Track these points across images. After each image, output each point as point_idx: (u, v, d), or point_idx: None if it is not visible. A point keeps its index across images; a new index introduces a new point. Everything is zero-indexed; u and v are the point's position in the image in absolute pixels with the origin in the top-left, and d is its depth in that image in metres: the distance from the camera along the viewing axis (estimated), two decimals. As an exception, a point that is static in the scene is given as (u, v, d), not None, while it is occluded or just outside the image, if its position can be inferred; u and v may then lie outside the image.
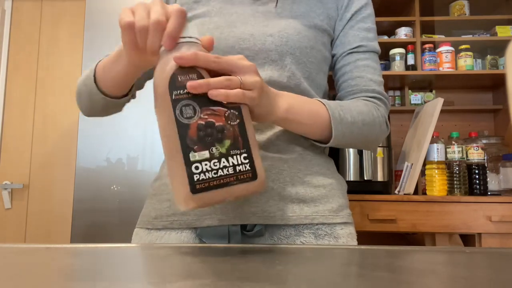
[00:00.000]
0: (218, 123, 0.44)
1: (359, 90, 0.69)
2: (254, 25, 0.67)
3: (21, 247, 0.49)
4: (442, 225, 1.65)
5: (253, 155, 0.45)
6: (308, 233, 0.62)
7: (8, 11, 2.42)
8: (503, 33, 2.05)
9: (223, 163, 0.43)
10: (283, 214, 0.61)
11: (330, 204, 0.65)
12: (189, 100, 0.43)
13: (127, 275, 0.34)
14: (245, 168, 0.44)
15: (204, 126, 0.43)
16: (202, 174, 0.43)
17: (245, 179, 0.44)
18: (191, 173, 0.42)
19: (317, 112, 0.60)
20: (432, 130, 1.76)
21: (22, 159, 2.33)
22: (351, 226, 0.67)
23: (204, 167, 0.43)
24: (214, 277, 0.33)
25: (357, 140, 0.64)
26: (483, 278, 0.33)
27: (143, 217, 0.68)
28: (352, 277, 0.34)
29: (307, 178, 0.64)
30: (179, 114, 0.43)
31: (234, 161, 0.44)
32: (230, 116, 0.45)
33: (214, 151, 0.43)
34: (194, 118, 0.43)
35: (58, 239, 2.27)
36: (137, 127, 1.96)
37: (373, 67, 0.70)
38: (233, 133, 0.45)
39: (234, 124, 0.45)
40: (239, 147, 0.44)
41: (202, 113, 0.44)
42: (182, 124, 0.43)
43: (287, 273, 0.35)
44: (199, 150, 0.43)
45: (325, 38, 0.71)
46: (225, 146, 0.44)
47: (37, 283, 0.30)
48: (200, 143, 0.43)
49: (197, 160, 0.43)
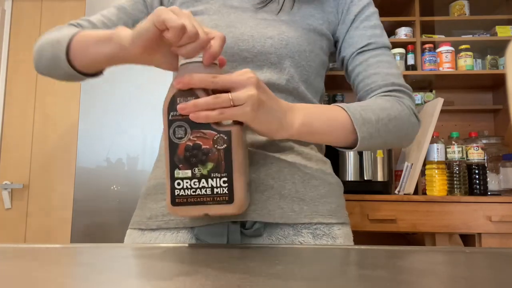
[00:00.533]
0: (205, 146, 0.48)
1: (378, 86, 0.66)
2: (253, 27, 0.66)
3: (21, 247, 0.49)
4: (442, 225, 1.65)
5: (233, 180, 0.48)
6: (306, 232, 0.62)
7: (8, 11, 2.42)
8: (503, 33, 2.05)
9: (203, 184, 0.48)
10: (283, 212, 0.61)
11: (329, 204, 0.65)
12: (182, 122, 0.48)
13: (127, 275, 0.34)
14: (223, 191, 0.48)
15: (191, 148, 0.48)
16: (182, 190, 0.48)
17: (220, 201, 0.48)
18: (173, 187, 0.48)
19: (336, 119, 0.57)
20: (432, 130, 1.76)
21: (22, 159, 2.33)
22: (347, 227, 0.67)
23: (185, 185, 0.48)
24: (214, 277, 0.33)
25: (386, 138, 0.61)
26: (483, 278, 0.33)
27: (136, 218, 0.66)
28: (352, 277, 0.34)
29: (307, 177, 0.64)
30: (172, 134, 0.48)
31: (213, 183, 0.48)
32: (218, 140, 0.48)
33: (196, 172, 0.48)
34: (184, 138, 0.48)
35: (58, 239, 2.27)
36: (137, 127, 1.96)
37: (387, 61, 0.68)
38: (217, 157, 0.48)
39: (221, 148, 0.48)
40: (220, 171, 0.48)
41: (192, 134, 0.48)
42: (173, 143, 0.48)
43: (287, 273, 0.35)
44: (183, 169, 0.48)
45: (323, 42, 0.70)
46: (207, 168, 0.48)
47: (37, 283, 0.30)
48: (185, 162, 0.48)
49: (180, 177, 0.48)
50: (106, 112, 1.98)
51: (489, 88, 2.27)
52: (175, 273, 0.35)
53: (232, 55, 0.65)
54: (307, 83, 0.68)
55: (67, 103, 2.36)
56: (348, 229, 0.67)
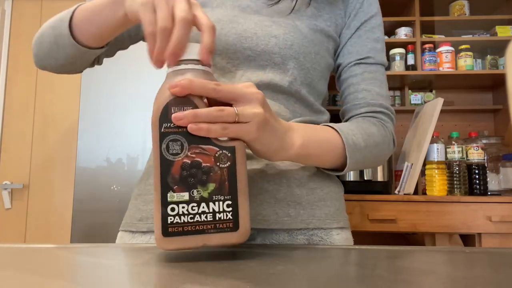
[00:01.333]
0: (205, 164, 0.41)
1: (366, 104, 0.66)
2: (257, 23, 0.63)
3: (21, 247, 0.49)
4: (442, 225, 1.65)
5: (238, 203, 0.41)
6: (302, 239, 0.59)
7: (8, 11, 2.42)
8: (503, 33, 2.05)
9: (202, 208, 0.40)
10: (278, 217, 0.58)
11: (327, 207, 0.62)
12: (178, 135, 0.40)
13: (127, 275, 0.34)
14: (226, 216, 0.41)
15: (189, 166, 0.40)
16: (177, 217, 0.40)
17: (224, 228, 0.41)
18: (165, 214, 0.40)
19: (330, 142, 0.56)
20: (432, 130, 1.76)
21: (22, 159, 2.33)
22: (347, 231, 0.65)
23: (181, 210, 0.40)
24: (214, 277, 0.33)
25: (367, 163, 0.62)
26: (483, 278, 0.33)
27: (127, 219, 0.64)
28: (352, 277, 0.34)
29: (304, 180, 0.62)
30: (164, 149, 0.40)
31: (215, 208, 0.41)
32: (221, 157, 0.41)
33: (195, 194, 0.40)
34: (180, 155, 0.40)
35: (58, 239, 2.27)
36: (137, 127, 1.96)
37: (380, 80, 0.68)
38: (220, 176, 0.41)
39: (224, 166, 0.41)
40: (223, 193, 0.41)
41: (189, 150, 0.40)
42: (166, 160, 0.40)
43: (287, 273, 0.35)
44: (179, 191, 0.40)
45: (330, 44, 0.68)
46: (208, 190, 0.41)
47: (37, 283, 0.30)
48: (181, 183, 0.40)
49: (174, 201, 0.40)
50: (106, 112, 1.98)
51: (489, 88, 2.27)
52: (175, 273, 0.35)
53: (234, 53, 0.62)
54: (310, 86, 0.66)
55: (67, 103, 2.36)
56: (347, 234, 0.65)
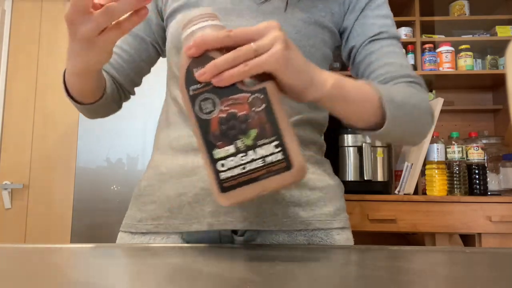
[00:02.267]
0: (241, 113, 0.40)
1: (392, 77, 0.61)
2: (249, 20, 0.62)
3: (21, 247, 0.49)
4: (442, 225, 1.65)
5: (285, 142, 0.40)
6: (302, 239, 0.59)
7: (8, 11, 2.42)
8: (503, 33, 2.05)
9: (251, 156, 0.40)
10: (277, 219, 0.58)
11: (327, 207, 0.62)
12: (207, 94, 0.40)
13: (127, 275, 0.34)
14: (277, 158, 0.40)
15: (225, 119, 0.40)
16: (229, 172, 0.40)
17: (277, 170, 0.40)
18: (217, 172, 0.40)
19: (364, 90, 0.51)
20: (432, 130, 1.76)
21: (22, 159, 2.33)
22: (348, 231, 0.64)
23: (230, 164, 0.40)
24: (214, 277, 0.33)
25: (408, 127, 0.55)
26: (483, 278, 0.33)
27: (127, 220, 0.64)
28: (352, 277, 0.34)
29: (303, 180, 0.61)
30: (198, 110, 0.40)
31: (264, 152, 0.40)
32: (254, 101, 0.40)
33: (239, 145, 0.40)
34: (214, 112, 0.40)
35: (58, 239, 2.27)
36: (137, 127, 1.96)
37: (400, 53, 0.65)
38: (259, 120, 0.40)
39: (260, 109, 0.40)
40: (267, 136, 0.40)
41: (222, 105, 0.40)
42: (202, 120, 0.40)
43: (287, 273, 0.35)
44: (223, 146, 0.40)
45: (326, 35, 0.66)
46: (250, 137, 0.40)
47: (37, 283, 0.30)
48: (223, 138, 0.40)
49: (221, 157, 0.40)
50: (106, 112, 1.97)
51: (489, 88, 2.27)
52: (175, 273, 0.35)
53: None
54: None
55: (67, 103, 2.36)
56: (348, 234, 0.64)
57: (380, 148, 1.86)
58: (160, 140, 0.67)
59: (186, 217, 0.59)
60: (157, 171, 0.64)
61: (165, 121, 0.67)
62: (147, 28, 0.71)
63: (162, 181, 0.62)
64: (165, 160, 0.64)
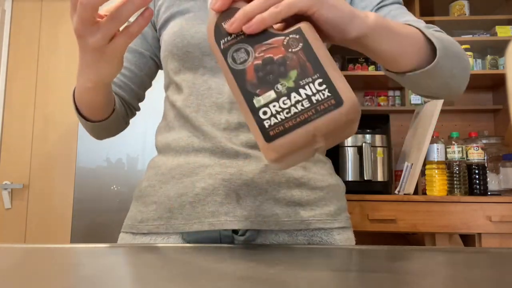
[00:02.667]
0: (277, 56, 0.38)
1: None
2: None
3: (21, 247, 0.49)
4: (442, 225, 1.65)
5: (330, 77, 0.37)
6: (302, 239, 0.59)
7: (8, 11, 2.42)
8: (503, 33, 2.05)
9: (295, 98, 0.37)
10: (278, 218, 0.58)
11: (327, 207, 0.62)
12: (239, 44, 0.39)
13: (127, 275, 0.34)
14: (324, 95, 0.37)
15: (262, 65, 0.38)
16: (273, 118, 0.37)
17: (327, 108, 0.37)
18: (260, 121, 0.37)
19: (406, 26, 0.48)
20: (432, 130, 1.77)
21: (22, 159, 2.33)
22: (349, 231, 0.65)
23: (273, 110, 0.37)
24: (214, 277, 0.33)
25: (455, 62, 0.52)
26: (483, 278, 0.33)
27: (128, 221, 0.65)
28: (352, 277, 0.34)
29: (303, 180, 0.61)
30: (232, 62, 0.39)
31: (308, 92, 0.37)
32: (290, 43, 0.38)
33: (280, 88, 0.38)
34: (248, 60, 0.38)
35: (58, 239, 2.27)
36: (137, 127, 1.96)
37: (409, 14, 0.64)
38: (298, 60, 0.38)
39: (297, 50, 0.38)
40: (309, 74, 0.37)
41: (256, 51, 0.38)
42: (237, 71, 0.38)
43: (287, 273, 0.35)
44: (263, 93, 0.38)
45: None
46: (291, 78, 0.38)
47: (37, 283, 0.30)
48: (261, 84, 0.38)
49: (262, 105, 0.37)
50: (106, 112, 1.98)
51: (489, 88, 2.27)
52: (174, 273, 0.35)
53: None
54: None
55: (67, 103, 2.36)
56: (349, 233, 0.64)
57: (380, 148, 1.86)
58: (160, 142, 0.67)
59: (187, 217, 0.59)
60: (158, 171, 0.64)
61: (166, 126, 0.68)
62: (144, 43, 0.73)
63: (163, 181, 0.62)
64: (166, 160, 0.64)
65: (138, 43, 0.73)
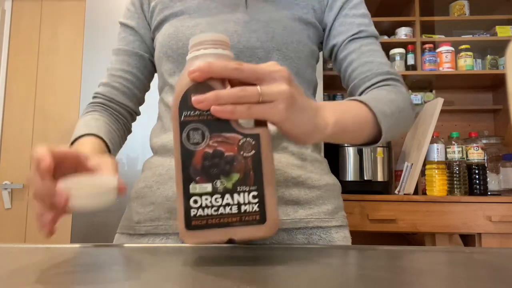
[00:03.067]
0: (228, 153, 0.39)
1: (374, 74, 0.65)
2: (236, 21, 0.63)
3: (21, 247, 0.49)
4: (442, 225, 1.65)
5: (265, 194, 0.39)
6: (301, 238, 0.60)
7: (8, 11, 2.42)
8: (503, 33, 2.05)
9: (227, 200, 0.39)
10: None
11: (325, 206, 0.62)
12: (199, 124, 0.38)
13: (126, 275, 0.34)
14: (252, 208, 0.39)
15: (210, 155, 0.38)
16: (200, 210, 0.38)
17: (250, 221, 0.39)
18: (188, 207, 0.38)
19: (360, 114, 0.54)
20: (432, 130, 1.76)
21: (22, 159, 2.33)
22: (345, 230, 0.65)
23: (204, 202, 0.38)
24: (214, 277, 0.33)
25: (397, 130, 0.60)
26: (483, 278, 0.33)
27: (124, 222, 0.64)
28: (352, 277, 0.34)
29: (301, 179, 0.61)
30: (185, 139, 0.39)
31: (240, 199, 0.39)
32: (245, 145, 0.39)
33: (218, 185, 0.39)
34: (201, 144, 0.39)
35: (58, 239, 2.27)
36: (137, 127, 1.96)
37: (378, 51, 0.68)
38: (245, 166, 0.39)
39: (248, 155, 0.39)
40: (248, 183, 0.39)
41: (211, 139, 0.39)
42: (187, 150, 0.39)
43: (287, 273, 0.35)
44: (201, 182, 0.38)
45: (310, 31, 0.67)
46: (232, 180, 0.39)
47: (37, 283, 0.30)
48: (203, 174, 0.38)
49: (197, 193, 0.38)
50: (106, 112, 1.98)
51: (489, 88, 2.27)
52: (174, 273, 0.35)
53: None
54: (298, 76, 0.66)
55: (67, 103, 2.36)
56: (346, 232, 0.65)
57: (380, 148, 1.86)
58: (156, 144, 0.67)
59: None
60: (155, 172, 0.64)
61: (161, 128, 0.68)
62: (142, 45, 0.73)
63: (160, 182, 0.62)
64: (163, 161, 0.64)
65: (136, 45, 0.73)
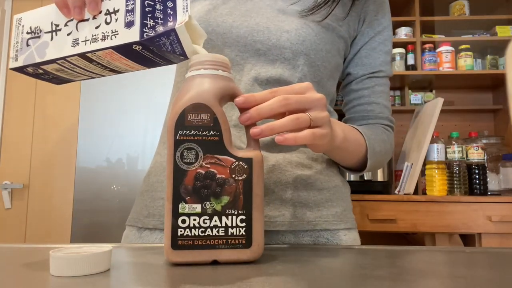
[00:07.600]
0: (220, 175, 0.40)
1: (374, 116, 0.69)
2: (269, 18, 0.63)
3: (21, 247, 0.49)
4: (442, 225, 1.65)
5: (252, 219, 0.40)
6: (308, 240, 0.59)
7: (8, 11, 2.42)
8: (503, 33, 2.05)
9: (214, 222, 0.39)
10: (284, 219, 0.58)
11: (334, 208, 0.62)
12: (193, 144, 0.39)
13: (127, 275, 0.34)
14: (239, 232, 0.40)
15: (202, 176, 0.39)
16: (187, 230, 0.39)
17: (236, 244, 0.40)
18: (176, 226, 0.39)
19: (359, 142, 0.59)
20: (432, 130, 1.76)
21: (22, 159, 2.33)
22: (355, 232, 0.65)
23: (192, 223, 0.39)
24: (214, 277, 0.33)
25: (375, 167, 0.66)
26: (483, 278, 0.33)
27: (134, 214, 0.65)
28: (352, 277, 0.34)
29: (311, 180, 0.61)
30: (178, 157, 0.39)
31: (228, 222, 0.40)
32: (237, 169, 0.40)
33: (208, 207, 0.39)
34: (194, 164, 0.39)
35: (58, 239, 2.27)
36: (137, 127, 1.96)
37: (387, 93, 0.71)
38: (235, 189, 0.40)
39: (240, 179, 0.40)
40: (237, 207, 0.40)
41: (204, 160, 0.40)
42: (180, 169, 0.39)
43: (287, 273, 0.35)
44: (191, 202, 0.39)
45: (341, 45, 0.68)
46: (221, 203, 0.40)
47: (37, 283, 0.30)
48: (194, 194, 0.39)
49: (186, 213, 0.39)
50: (106, 112, 1.98)
51: (489, 88, 2.27)
52: (174, 273, 0.35)
53: (244, 45, 0.62)
54: (319, 85, 0.65)
55: (67, 103, 2.36)
56: (355, 234, 0.64)
57: (380, 148, 1.85)
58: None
59: None
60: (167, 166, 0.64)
61: None
62: None
63: None
64: None
65: None
